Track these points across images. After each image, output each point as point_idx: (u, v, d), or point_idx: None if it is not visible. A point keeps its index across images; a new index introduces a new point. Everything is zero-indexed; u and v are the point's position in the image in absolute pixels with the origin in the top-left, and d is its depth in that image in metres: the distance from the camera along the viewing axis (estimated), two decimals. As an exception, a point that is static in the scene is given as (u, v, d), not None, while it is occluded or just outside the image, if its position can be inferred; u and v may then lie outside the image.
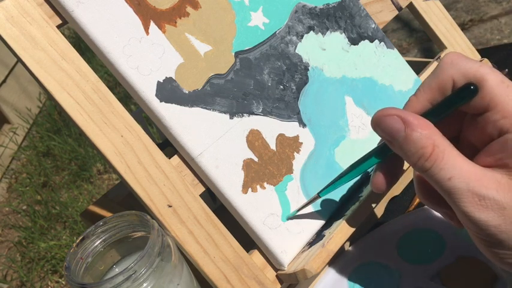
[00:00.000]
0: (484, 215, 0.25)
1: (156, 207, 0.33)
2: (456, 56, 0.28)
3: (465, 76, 0.28)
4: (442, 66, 0.29)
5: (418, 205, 0.44)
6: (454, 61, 0.28)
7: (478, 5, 2.02)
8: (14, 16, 0.31)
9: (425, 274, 0.35)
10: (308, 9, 0.42)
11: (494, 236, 0.26)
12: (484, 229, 0.26)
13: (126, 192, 0.52)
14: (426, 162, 0.26)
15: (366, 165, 0.32)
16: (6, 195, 1.87)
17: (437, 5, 0.51)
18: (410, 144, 0.26)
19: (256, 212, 0.36)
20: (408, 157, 0.27)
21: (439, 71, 0.29)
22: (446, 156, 0.26)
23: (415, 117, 0.27)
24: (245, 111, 0.37)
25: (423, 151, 0.26)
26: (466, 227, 0.27)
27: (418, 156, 0.26)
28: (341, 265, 0.38)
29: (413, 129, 0.26)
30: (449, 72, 0.28)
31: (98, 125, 0.32)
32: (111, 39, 0.33)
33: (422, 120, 0.27)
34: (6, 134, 2.04)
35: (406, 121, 0.27)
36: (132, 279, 0.29)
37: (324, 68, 0.41)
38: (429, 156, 0.26)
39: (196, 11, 0.37)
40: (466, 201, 0.26)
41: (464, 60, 0.28)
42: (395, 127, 0.27)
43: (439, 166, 0.26)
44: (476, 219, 0.26)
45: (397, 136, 0.27)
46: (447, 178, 0.26)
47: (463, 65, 0.28)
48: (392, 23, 2.06)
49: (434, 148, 0.26)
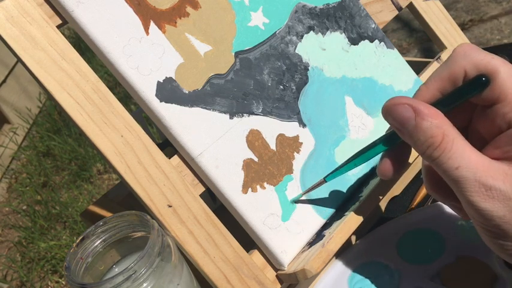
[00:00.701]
0: (489, 205, 0.25)
1: (156, 207, 0.33)
2: (469, 47, 0.29)
3: (477, 67, 0.28)
4: (454, 56, 0.29)
5: (418, 205, 0.44)
6: (467, 52, 0.28)
7: (478, 5, 2.02)
8: (14, 16, 0.31)
9: (425, 274, 0.35)
10: (308, 9, 0.42)
11: (499, 226, 0.26)
12: (489, 219, 0.26)
13: (126, 192, 0.52)
14: (435, 151, 0.26)
15: (373, 152, 0.33)
16: (6, 195, 1.87)
17: (437, 5, 0.51)
18: (420, 133, 0.27)
19: (256, 212, 0.36)
20: (417, 146, 0.27)
21: (451, 61, 0.29)
22: (455, 146, 0.26)
23: (425, 106, 0.27)
24: (245, 111, 0.37)
25: (433, 140, 0.26)
26: (472, 217, 0.27)
27: (427, 145, 0.26)
28: (341, 265, 0.38)
29: (424, 118, 0.27)
30: (461, 63, 0.28)
31: (98, 125, 0.32)
32: (111, 39, 0.33)
33: (432, 110, 0.27)
34: (6, 134, 2.04)
35: (416, 110, 0.27)
36: (132, 279, 0.29)
37: (324, 68, 0.41)
38: (438, 146, 0.26)
39: (196, 11, 0.37)
40: (473, 191, 0.26)
41: (477, 51, 0.28)
42: (405, 116, 0.27)
43: (447, 155, 0.26)
44: (482, 209, 0.26)
45: (407, 125, 0.27)
46: (455, 167, 0.26)
47: (475, 56, 0.28)
48: (392, 23, 2.06)
49: (444, 137, 0.26)
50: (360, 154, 0.34)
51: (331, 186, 0.39)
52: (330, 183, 0.38)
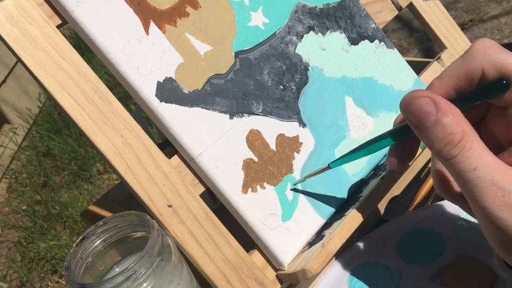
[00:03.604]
0: (506, 214, 0.24)
1: (156, 207, 0.33)
2: (489, 44, 0.27)
3: (496, 68, 0.26)
4: (473, 53, 0.27)
5: (418, 205, 0.44)
6: (487, 50, 0.27)
7: (478, 5, 2.02)
8: (14, 16, 0.31)
9: (425, 274, 0.35)
10: (308, 9, 0.42)
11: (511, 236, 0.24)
12: (503, 230, 0.24)
13: (126, 192, 0.52)
14: (453, 149, 0.25)
15: (379, 145, 0.32)
16: (6, 195, 1.86)
17: (437, 5, 0.51)
18: (439, 129, 0.25)
19: (256, 212, 0.36)
20: (434, 143, 0.25)
21: (469, 57, 0.27)
22: (474, 146, 0.25)
23: (446, 102, 0.26)
24: (245, 111, 0.37)
25: (452, 137, 0.25)
26: (482, 224, 0.26)
27: (446, 142, 0.25)
28: (341, 265, 0.38)
29: (445, 114, 0.25)
30: (479, 62, 0.27)
31: (98, 125, 0.32)
32: (111, 39, 0.33)
33: (452, 106, 0.26)
34: (6, 134, 2.03)
35: (438, 105, 0.25)
36: (132, 279, 0.29)
37: (324, 68, 0.41)
38: (457, 144, 0.25)
39: (196, 11, 0.37)
40: (488, 196, 0.24)
41: (497, 49, 0.27)
42: (427, 110, 0.25)
43: (465, 154, 0.25)
44: (497, 218, 0.24)
45: (427, 120, 0.25)
46: (472, 168, 0.24)
47: (496, 55, 0.26)
48: (392, 23, 2.06)
49: (464, 136, 0.25)
50: (366, 145, 0.33)
51: (331, 186, 0.39)
52: (330, 183, 0.38)
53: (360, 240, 0.40)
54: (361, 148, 0.34)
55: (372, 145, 0.33)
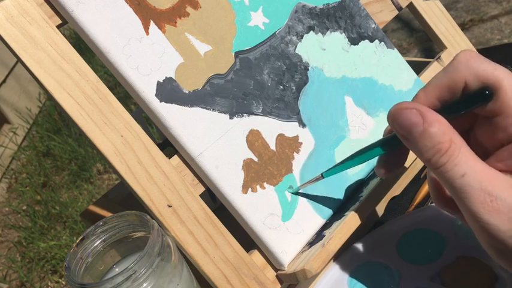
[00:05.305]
0: (493, 219, 0.24)
1: (156, 207, 0.33)
2: (471, 56, 0.28)
3: (479, 78, 0.27)
4: (456, 65, 0.28)
5: (418, 205, 0.44)
6: (469, 61, 0.27)
7: (478, 5, 2.02)
8: (14, 16, 0.31)
9: (425, 274, 0.35)
10: (308, 9, 0.42)
11: (503, 241, 0.25)
12: (492, 234, 0.25)
13: (126, 192, 0.52)
14: (441, 158, 0.25)
15: (370, 155, 0.32)
16: (6, 195, 1.87)
17: (437, 5, 0.51)
18: (427, 138, 0.26)
19: (256, 212, 0.36)
20: (423, 152, 0.26)
21: (451, 69, 0.28)
22: (462, 153, 0.25)
23: (432, 112, 0.26)
24: (245, 111, 0.37)
25: (440, 146, 0.25)
26: (475, 232, 0.26)
27: (434, 151, 0.26)
28: (341, 265, 0.38)
29: (431, 124, 0.26)
30: (462, 73, 0.27)
31: (98, 125, 0.32)
32: (111, 39, 0.33)
33: (438, 116, 0.26)
34: (6, 134, 2.04)
35: (424, 115, 0.26)
36: (132, 279, 0.29)
37: (324, 68, 0.41)
38: (445, 152, 0.25)
39: (196, 11, 0.37)
40: (477, 201, 0.25)
41: (479, 60, 0.27)
42: (414, 121, 0.26)
43: (453, 162, 0.25)
44: (486, 223, 0.25)
45: (415, 130, 0.26)
46: (461, 175, 0.25)
47: (477, 66, 0.27)
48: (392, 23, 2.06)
49: (451, 144, 0.25)
50: (357, 155, 0.34)
51: (331, 187, 0.39)
52: (330, 183, 0.38)
53: (360, 240, 0.40)
54: (353, 157, 0.34)
55: (362, 155, 0.33)
